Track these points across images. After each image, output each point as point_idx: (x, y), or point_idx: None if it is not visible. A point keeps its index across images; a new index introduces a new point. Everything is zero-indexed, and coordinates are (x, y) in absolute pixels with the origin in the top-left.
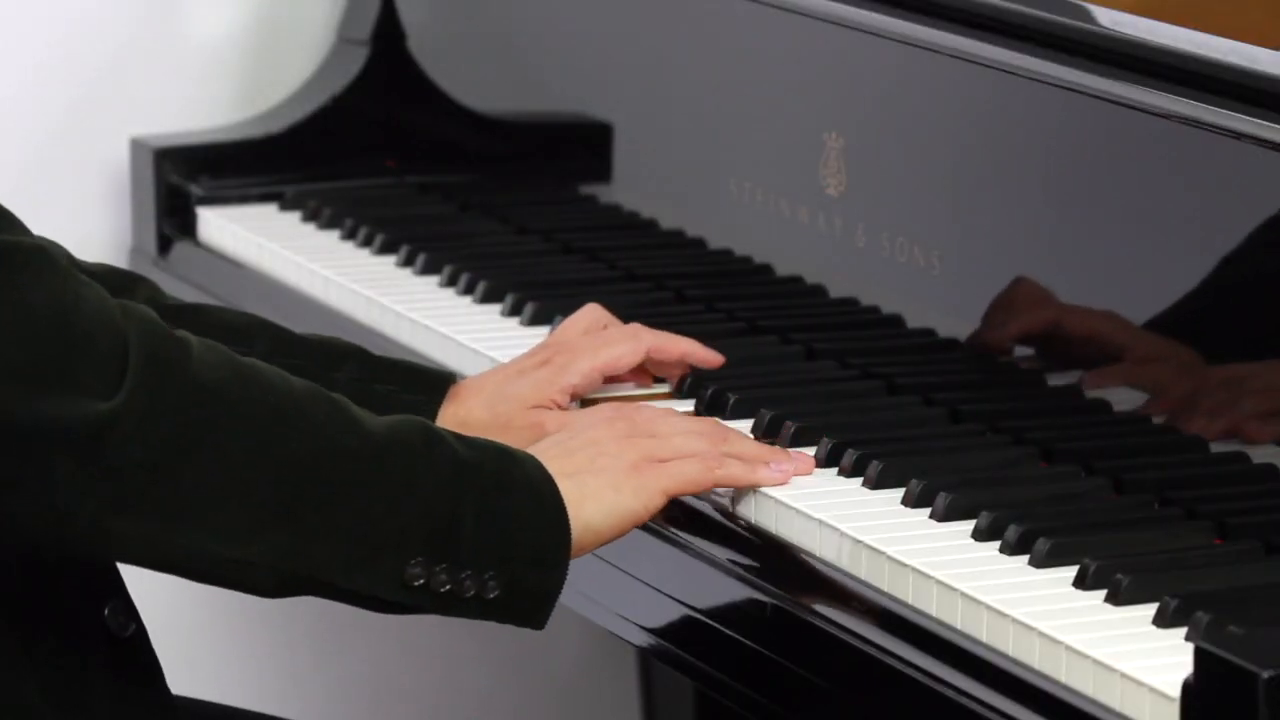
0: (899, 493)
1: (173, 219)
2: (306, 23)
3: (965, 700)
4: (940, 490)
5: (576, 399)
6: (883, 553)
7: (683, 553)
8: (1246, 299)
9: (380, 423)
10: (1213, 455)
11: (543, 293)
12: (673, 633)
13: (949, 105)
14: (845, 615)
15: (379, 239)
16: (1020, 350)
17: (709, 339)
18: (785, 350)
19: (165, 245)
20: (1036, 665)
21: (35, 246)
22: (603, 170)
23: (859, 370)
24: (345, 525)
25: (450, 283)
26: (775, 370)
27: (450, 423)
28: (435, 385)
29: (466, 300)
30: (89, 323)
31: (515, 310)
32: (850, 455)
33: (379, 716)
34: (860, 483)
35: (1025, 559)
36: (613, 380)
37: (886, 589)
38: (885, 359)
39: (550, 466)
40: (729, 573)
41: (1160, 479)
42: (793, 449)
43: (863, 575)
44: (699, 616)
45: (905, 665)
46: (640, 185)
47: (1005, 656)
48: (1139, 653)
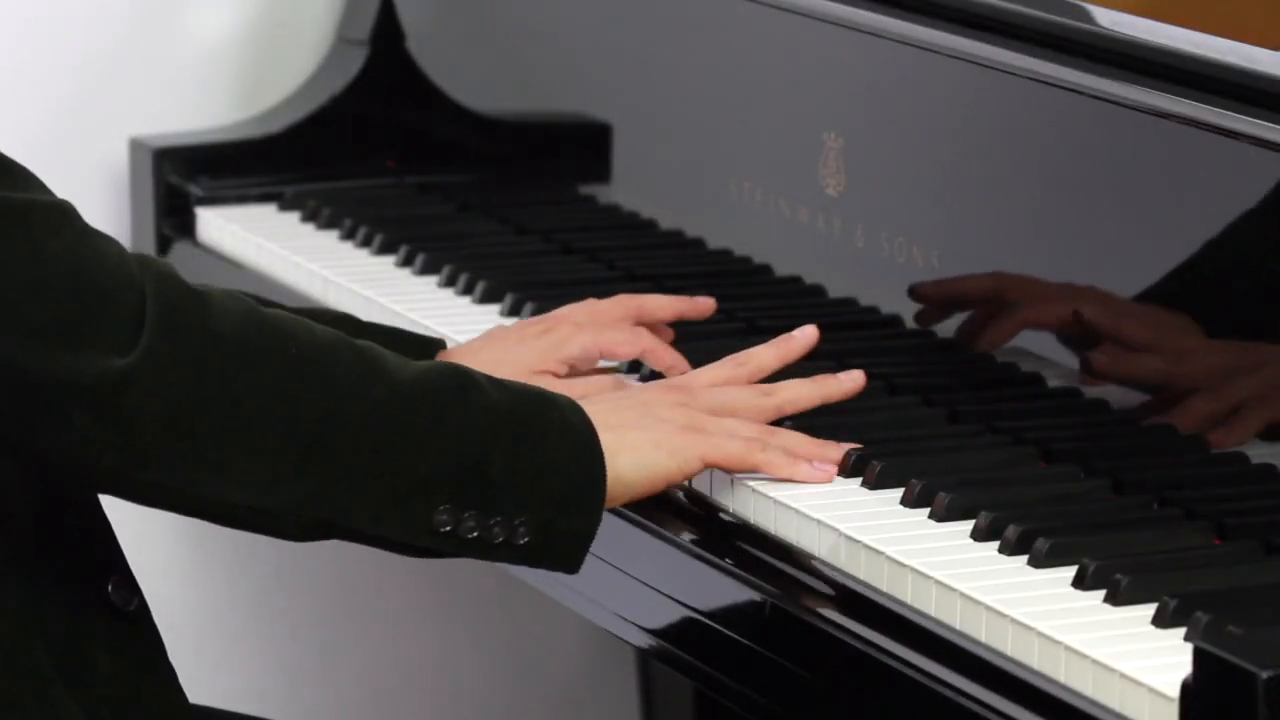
0: (898, 492)
1: (172, 219)
2: (306, 23)
3: (964, 700)
4: (939, 490)
5: (572, 373)
6: (882, 553)
7: (682, 553)
8: (1247, 299)
9: (411, 370)
10: (1212, 455)
11: (542, 293)
12: (672, 633)
13: (949, 105)
14: (844, 615)
15: (378, 239)
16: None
17: (709, 339)
18: None
19: (164, 245)
20: (1035, 665)
21: (53, 204)
22: (602, 170)
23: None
24: (367, 474)
25: (449, 283)
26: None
27: None
28: (424, 349)
29: (466, 300)
30: (106, 278)
31: (515, 310)
32: (850, 455)
33: (379, 716)
34: (860, 482)
35: (1024, 559)
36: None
37: (885, 589)
38: (885, 359)
39: (595, 418)
40: (728, 573)
41: (1160, 479)
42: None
43: (862, 575)
44: (698, 617)
45: (904, 665)
46: (640, 185)
47: (1004, 656)
48: (1138, 653)
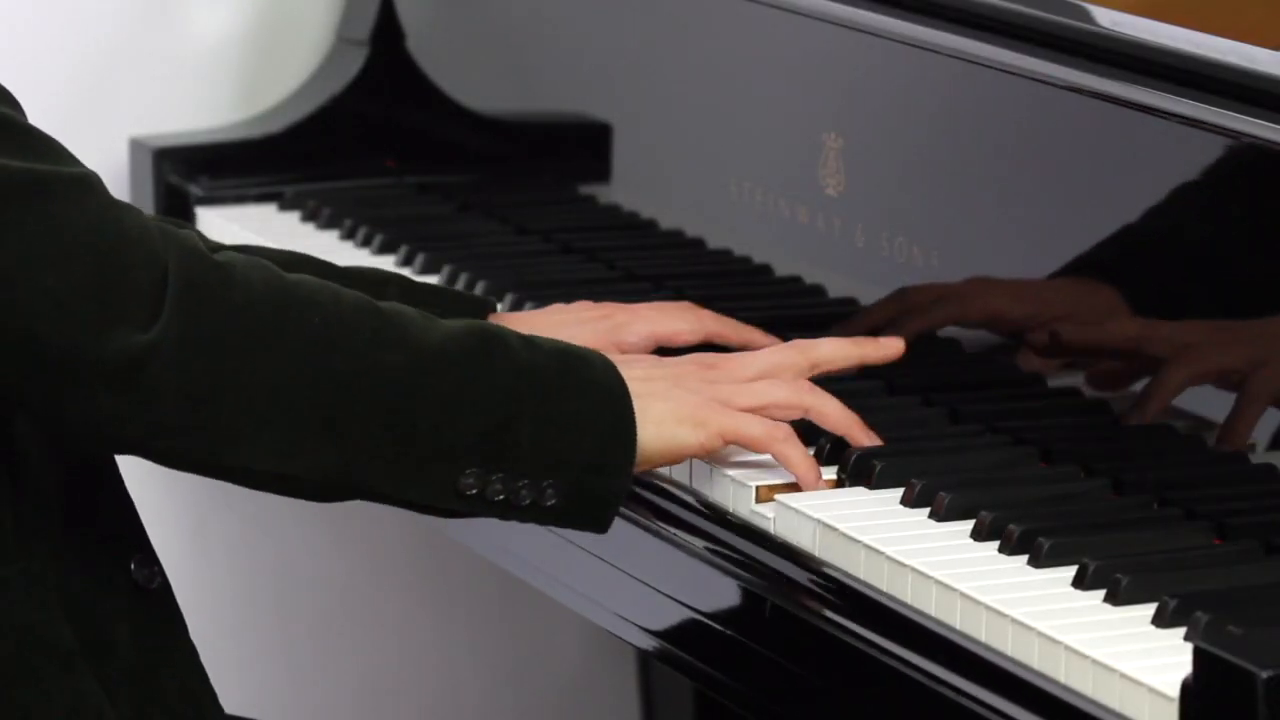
0: (898, 492)
1: (172, 219)
2: (306, 23)
3: (964, 700)
4: (939, 490)
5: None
6: (882, 553)
7: (682, 553)
8: (1247, 298)
9: (437, 332)
10: (1212, 455)
11: (542, 293)
12: (672, 633)
13: (949, 105)
14: (844, 615)
15: (378, 239)
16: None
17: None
18: None
19: None
20: (1035, 665)
21: (76, 176)
22: (602, 170)
23: (859, 370)
24: (390, 440)
25: (450, 283)
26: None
27: None
28: (477, 309)
29: None
30: (129, 251)
31: (514, 310)
32: (850, 455)
33: (379, 717)
34: (860, 483)
35: (1024, 559)
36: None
37: (885, 589)
38: None
39: (626, 381)
40: (728, 573)
41: (1160, 479)
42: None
43: (862, 575)
44: (699, 617)
45: (904, 665)
46: (640, 185)
47: (1004, 656)
48: (1138, 653)
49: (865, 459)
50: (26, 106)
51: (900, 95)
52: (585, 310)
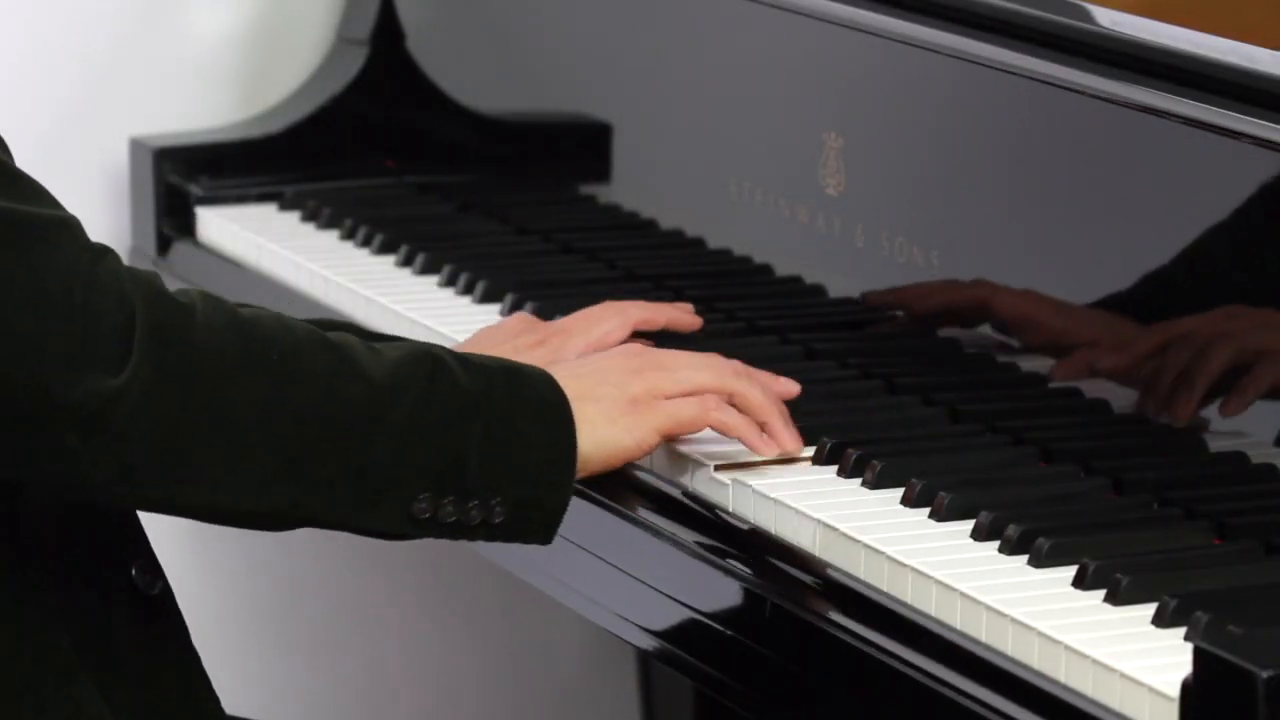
0: (899, 492)
1: (172, 219)
2: (306, 23)
3: (964, 700)
4: (939, 490)
5: None
6: (882, 552)
7: (682, 553)
8: (1248, 298)
9: (385, 361)
10: (1212, 455)
11: (542, 293)
12: (672, 633)
13: (949, 105)
14: (844, 615)
15: (378, 239)
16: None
17: (709, 339)
18: (785, 350)
19: (165, 245)
20: (1036, 665)
21: (54, 219)
22: (602, 170)
23: (859, 370)
24: (349, 473)
25: (449, 282)
26: (775, 370)
27: None
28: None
29: (466, 300)
30: (100, 298)
31: (514, 310)
32: (850, 455)
33: (378, 717)
34: (860, 483)
35: (1024, 559)
36: None
37: (886, 588)
38: (885, 359)
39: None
40: (728, 572)
41: (1159, 479)
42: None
43: (862, 575)
44: (699, 616)
45: (904, 665)
46: (640, 185)
47: (1004, 656)
48: (1138, 652)
49: (865, 459)
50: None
51: (900, 95)
52: (521, 339)
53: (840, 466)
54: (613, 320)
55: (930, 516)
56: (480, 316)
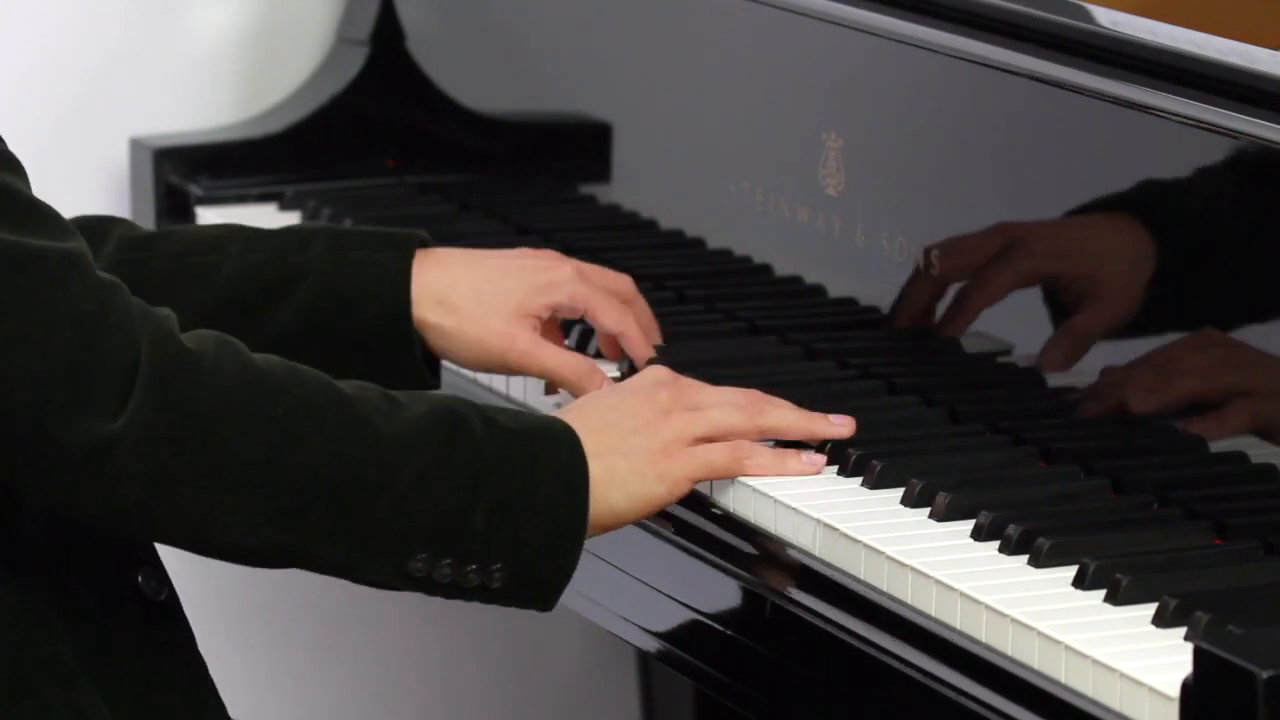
0: (899, 492)
1: (172, 219)
2: (306, 23)
3: (964, 700)
4: (939, 490)
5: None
6: (882, 552)
7: (682, 553)
8: (1248, 298)
9: (403, 417)
10: (1212, 455)
11: None
12: (672, 633)
13: (949, 105)
14: (844, 615)
15: None
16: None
17: (709, 339)
18: (785, 350)
19: None
20: (1036, 665)
21: (65, 253)
22: (603, 170)
23: (859, 370)
24: (346, 530)
25: None
26: (775, 370)
27: (433, 289)
28: (404, 243)
29: None
30: (105, 336)
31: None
32: (850, 455)
33: (379, 717)
34: (860, 482)
35: (1025, 559)
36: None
37: (886, 589)
38: (885, 359)
39: (586, 442)
40: (728, 573)
41: (1160, 479)
42: (804, 452)
43: (862, 575)
44: (698, 616)
45: (904, 665)
46: (640, 185)
47: (1004, 656)
48: (1138, 652)
49: (865, 459)
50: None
51: (900, 95)
52: (526, 258)
53: (840, 466)
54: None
55: (930, 516)
56: None
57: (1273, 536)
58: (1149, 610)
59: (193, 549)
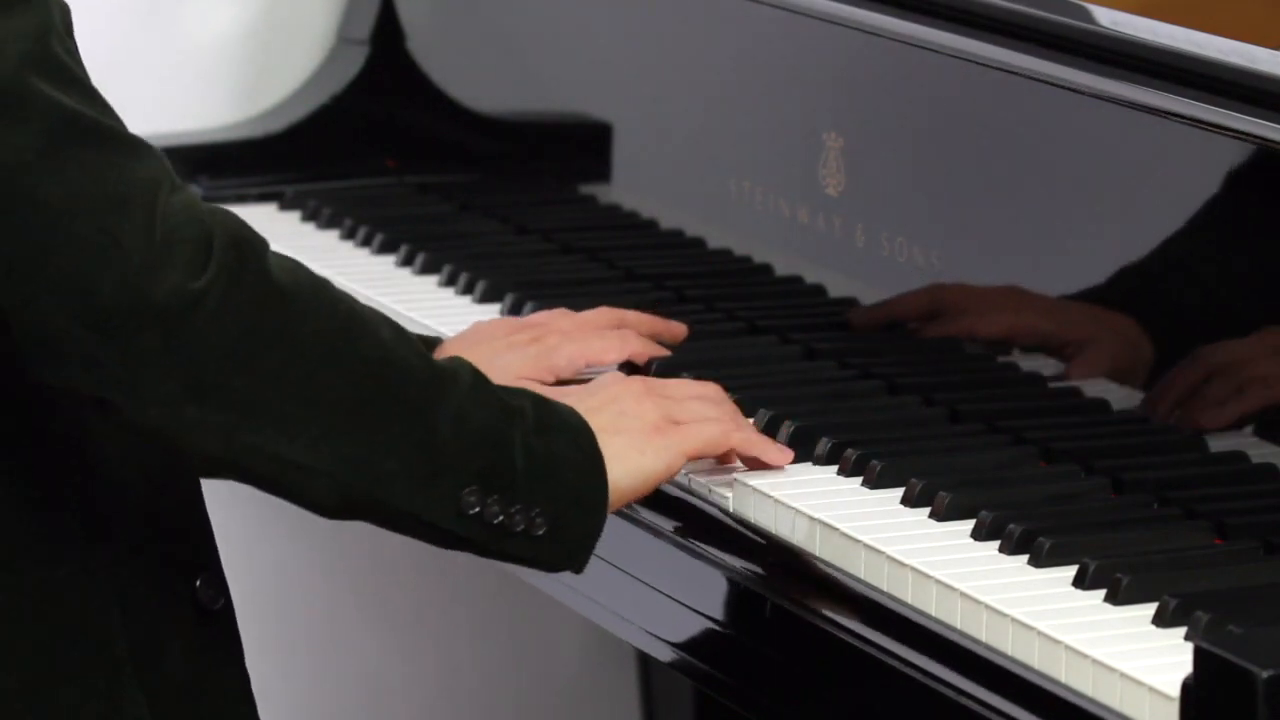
0: (898, 492)
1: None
2: (306, 23)
3: (964, 700)
4: (940, 490)
5: (557, 383)
6: (882, 552)
7: (682, 553)
8: (1248, 297)
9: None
10: (1212, 455)
11: (542, 292)
12: (672, 633)
13: (949, 105)
14: (844, 615)
15: (378, 238)
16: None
17: (709, 339)
18: (784, 350)
19: None
20: (1036, 665)
21: (141, 140)
22: (603, 170)
23: (859, 370)
24: (411, 440)
25: (450, 282)
26: (775, 370)
27: None
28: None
29: (466, 300)
30: (181, 210)
31: (515, 309)
32: (850, 455)
33: (379, 716)
34: (860, 482)
35: (1025, 558)
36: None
37: (886, 588)
38: (885, 359)
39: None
40: (728, 573)
41: (1160, 479)
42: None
43: (862, 574)
44: (698, 616)
45: (904, 665)
46: (640, 185)
47: (1005, 656)
48: (1138, 652)
49: (865, 459)
50: None
51: (900, 95)
52: (514, 333)
53: (840, 466)
54: (612, 344)
55: (930, 516)
56: (480, 316)
57: (1273, 536)
58: (1149, 610)
59: (259, 462)
